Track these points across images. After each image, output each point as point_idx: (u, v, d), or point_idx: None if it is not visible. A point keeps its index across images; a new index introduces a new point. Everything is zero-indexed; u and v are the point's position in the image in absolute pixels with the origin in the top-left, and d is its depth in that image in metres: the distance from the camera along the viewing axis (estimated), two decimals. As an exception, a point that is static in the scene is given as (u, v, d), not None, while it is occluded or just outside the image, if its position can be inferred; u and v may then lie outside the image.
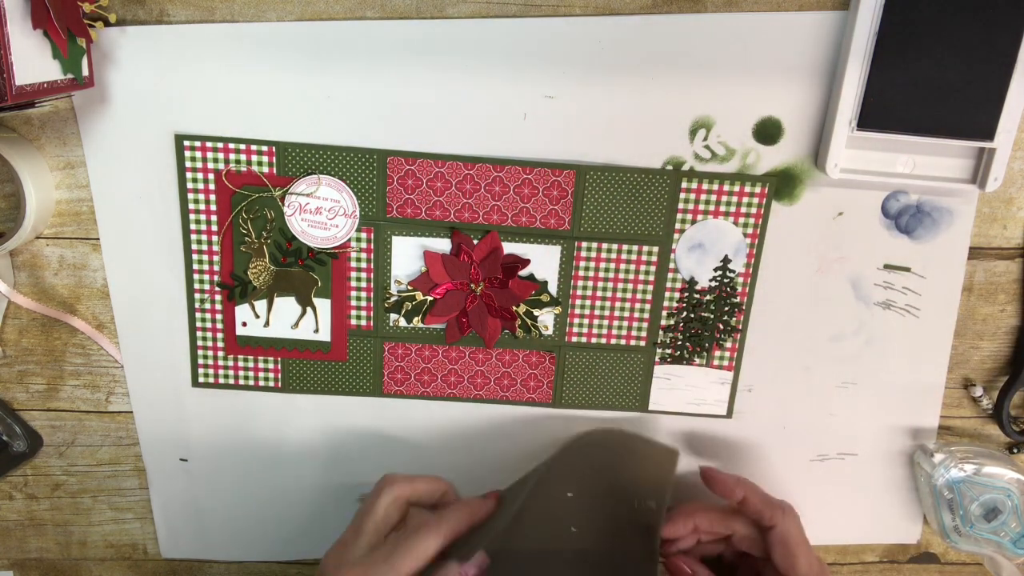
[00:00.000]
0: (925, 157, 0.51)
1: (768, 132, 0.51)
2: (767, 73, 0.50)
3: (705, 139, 0.51)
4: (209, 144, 0.50)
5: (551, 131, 0.51)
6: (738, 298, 0.54)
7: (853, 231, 0.53)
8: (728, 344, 0.55)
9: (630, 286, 0.54)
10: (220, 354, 0.55)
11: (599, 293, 0.54)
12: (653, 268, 0.53)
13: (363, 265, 0.53)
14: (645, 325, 0.55)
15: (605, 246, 0.53)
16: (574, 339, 0.55)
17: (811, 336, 0.56)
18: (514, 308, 0.54)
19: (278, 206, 0.51)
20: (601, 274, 0.53)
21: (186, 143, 0.50)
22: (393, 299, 0.54)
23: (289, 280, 0.53)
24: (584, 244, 0.52)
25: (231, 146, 0.50)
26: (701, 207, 0.52)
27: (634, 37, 0.49)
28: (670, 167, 0.51)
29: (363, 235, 0.52)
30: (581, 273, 0.53)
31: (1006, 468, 0.56)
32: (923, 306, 0.55)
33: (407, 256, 0.53)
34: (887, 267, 0.54)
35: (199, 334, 0.55)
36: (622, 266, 0.53)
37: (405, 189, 0.51)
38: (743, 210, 0.52)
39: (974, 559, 0.61)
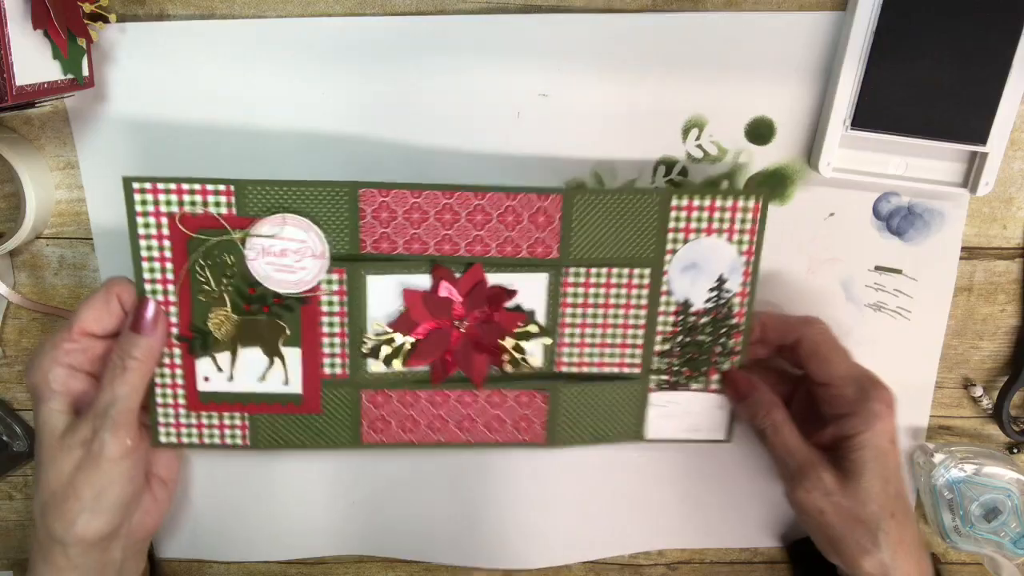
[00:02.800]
0: (918, 159, 0.51)
1: (760, 132, 0.51)
2: (762, 73, 0.50)
3: (698, 138, 0.51)
4: (161, 186, 0.46)
5: (545, 130, 0.51)
6: (735, 319, 0.52)
7: (844, 232, 0.54)
8: (725, 366, 0.53)
9: (621, 311, 0.51)
10: (182, 411, 0.51)
11: (589, 320, 0.51)
12: (645, 292, 0.50)
13: (336, 309, 0.49)
14: (639, 351, 0.52)
15: (594, 271, 0.50)
16: (564, 368, 0.52)
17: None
18: (501, 342, 0.51)
19: (239, 250, 0.47)
20: (591, 300, 0.50)
21: (135, 186, 0.46)
22: (370, 344, 0.50)
23: (254, 329, 0.49)
24: (572, 269, 0.50)
25: (185, 187, 0.46)
26: (693, 225, 0.49)
27: (632, 36, 0.49)
28: (663, 166, 0.51)
29: (334, 276, 0.48)
30: (569, 300, 0.50)
31: (1006, 468, 0.56)
32: (914, 308, 0.55)
33: (384, 296, 0.49)
34: (878, 269, 0.54)
35: (158, 391, 0.50)
36: (612, 291, 0.50)
37: (380, 223, 0.47)
38: (737, 226, 0.49)
39: (974, 559, 0.61)
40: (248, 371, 0.50)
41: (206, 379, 0.50)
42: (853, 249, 0.54)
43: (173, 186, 0.45)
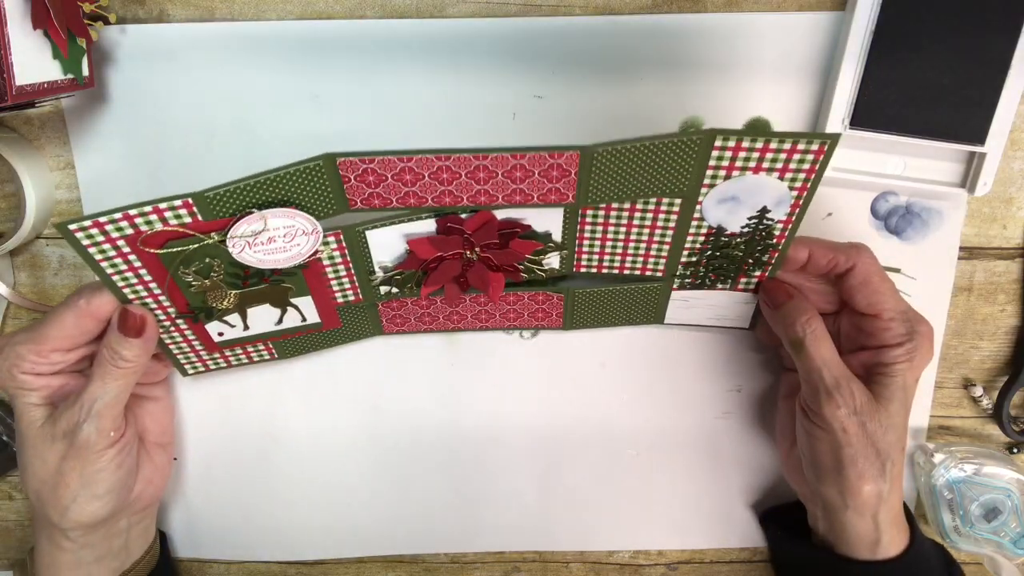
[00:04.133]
0: (916, 159, 0.51)
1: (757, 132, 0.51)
2: (761, 73, 0.50)
3: (696, 139, 0.51)
4: (104, 219, 0.40)
5: (540, 131, 0.51)
6: (774, 240, 0.47)
7: (843, 232, 0.53)
8: (756, 273, 0.49)
9: (646, 231, 0.47)
10: (203, 352, 0.51)
11: (610, 236, 0.48)
12: (674, 217, 0.46)
13: (338, 261, 0.47)
14: (663, 261, 0.49)
15: (616, 204, 0.46)
16: (583, 269, 0.51)
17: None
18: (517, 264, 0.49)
19: (220, 251, 0.43)
20: (612, 221, 0.47)
21: (72, 226, 0.40)
22: (379, 279, 0.49)
23: (258, 295, 0.48)
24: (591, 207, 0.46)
25: (133, 212, 0.40)
26: (739, 164, 0.42)
27: (629, 37, 0.49)
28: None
29: (331, 239, 0.46)
30: (588, 220, 0.47)
31: (1006, 468, 0.55)
32: (913, 307, 0.55)
33: (388, 245, 0.47)
34: (877, 268, 0.54)
35: (172, 347, 0.50)
36: (636, 215, 0.46)
37: (367, 184, 0.42)
38: (792, 166, 0.42)
39: (974, 559, 0.60)
40: (263, 321, 0.50)
41: (220, 334, 0.50)
42: (851, 248, 0.54)
43: (119, 215, 0.40)
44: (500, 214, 0.46)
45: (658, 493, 0.60)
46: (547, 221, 0.47)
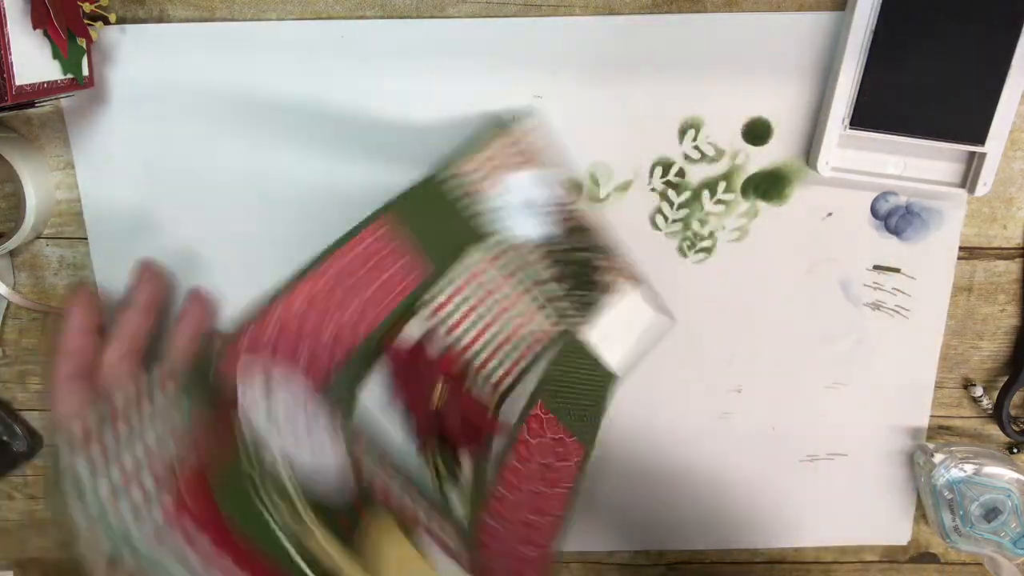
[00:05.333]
0: (916, 159, 0.51)
1: (757, 133, 0.51)
2: (761, 73, 0.50)
3: (695, 140, 0.51)
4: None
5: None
6: (574, 221, 0.50)
7: (842, 232, 0.54)
8: (602, 260, 0.51)
9: (499, 295, 0.49)
10: None
11: (480, 325, 0.49)
12: (498, 266, 0.49)
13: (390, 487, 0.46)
14: (540, 314, 0.50)
15: (459, 281, 0.48)
16: (504, 383, 0.50)
17: (801, 337, 0.56)
18: (438, 380, 0.49)
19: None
20: (470, 303, 0.49)
21: None
22: (434, 480, 0.48)
23: None
24: (439, 289, 0.48)
25: None
26: (481, 178, 0.47)
27: (629, 37, 0.49)
28: (660, 167, 0.51)
29: (339, 435, 0.45)
30: (455, 318, 0.49)
31: (1006, 468, 0.55)
32: (913, 307, 0.55)
33: (376, 396, 0.48)
34: (876, 268, 0.54)
35: None
36: (473, 285, 0.49)
37: (290, 359, 0.44)
38: (513, 160, 0.48)
39: (974, 559, 0.61)
40: None
41: None
42: (851, 248, 0.54)
43: None
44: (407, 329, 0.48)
45: (658, 493, 0.60)
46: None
